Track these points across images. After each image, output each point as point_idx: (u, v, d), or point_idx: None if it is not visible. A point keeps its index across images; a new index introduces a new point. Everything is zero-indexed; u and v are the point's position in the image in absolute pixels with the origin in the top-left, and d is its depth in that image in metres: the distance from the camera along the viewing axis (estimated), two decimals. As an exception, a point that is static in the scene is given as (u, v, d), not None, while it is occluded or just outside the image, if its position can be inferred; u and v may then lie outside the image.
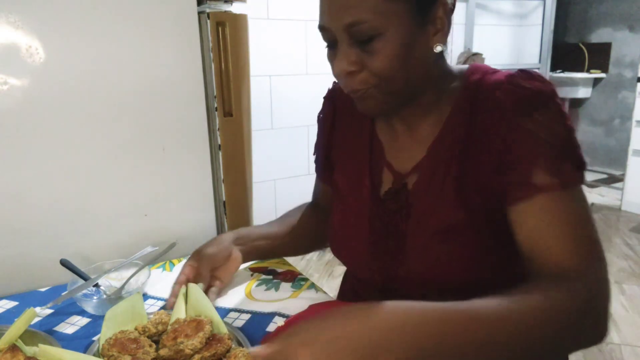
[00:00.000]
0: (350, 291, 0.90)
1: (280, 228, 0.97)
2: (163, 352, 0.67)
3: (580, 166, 0.64)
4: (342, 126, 0.87)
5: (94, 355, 0.69)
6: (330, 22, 0.66)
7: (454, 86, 0.73)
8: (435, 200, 0.71)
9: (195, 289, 0.80)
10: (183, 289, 0.81)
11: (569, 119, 0.66)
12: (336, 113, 0.89)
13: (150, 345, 0.70)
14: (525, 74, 0.68)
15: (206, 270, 0.86)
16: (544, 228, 0.62)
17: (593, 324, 0.58)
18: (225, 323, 0.74)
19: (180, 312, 0.77)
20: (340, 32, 0.65)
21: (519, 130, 0.64)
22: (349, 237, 0.82)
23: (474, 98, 0.70)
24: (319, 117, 0.93)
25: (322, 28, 0.68)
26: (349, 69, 0.66)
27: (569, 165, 0.63)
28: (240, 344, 0.71)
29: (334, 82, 0.91)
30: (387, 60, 0.64)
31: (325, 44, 0.71)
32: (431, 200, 0.72)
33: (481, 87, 0.70)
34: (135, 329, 0.73)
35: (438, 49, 0.67)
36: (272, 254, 0.98)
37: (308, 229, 0.99)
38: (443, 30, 0.67)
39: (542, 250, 0.62)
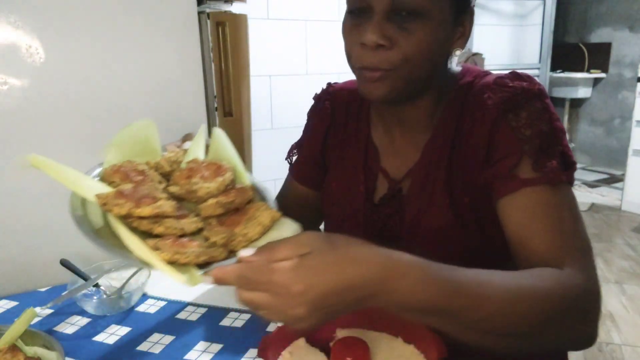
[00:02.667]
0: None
1: None
2: (173, 189, 0.57)
3: (567, 166, 0.64)
4: (337, 129, 0.85)
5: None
6: None
7: (446, 89, 0.73)
8: (427, 203, 0.71)
9: (221, 134, 0.68)
10: (202, 127, 0.71)
11: (556, 119, 0.66)
12: (334, 115, 0.86)
13: (160, 182, 0.59)
14: (512, 75, 0.69)
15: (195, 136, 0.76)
16: (529, 221, 0.62)
17: (582, 320, 0.56)
18: (253, 178, 0.64)
19: (198, 152, 0.67)
20: (384, 0, 0.61)
21: (503, 127, 0.65)
22: None
23: (463, 101, 0.71)
24: (309, 115, 0.91)
25: None
26: (380, 42, 0.61)
27: (554, 162, 0.63)
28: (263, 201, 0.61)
29: (329, 84, 0.90)
30: (422, 43, 0.62)
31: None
32: (423, 203, 0.72)
33: (471, 89, 0.71)
34: (147, 164, 0.63)
35: (457, 52, 0.68)
36: None
37: None
38: (464, 37, 0.68)
39: (527, 243, 0.62)
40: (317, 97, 0.90)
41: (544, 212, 0.61)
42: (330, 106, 0.87)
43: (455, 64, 0.74)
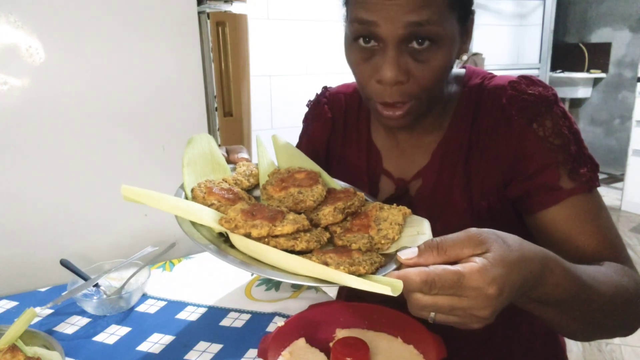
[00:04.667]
0: (350, 292, 0.90)
1: None
2: (274, 203, 0.55)
3: (595, 168, 0.67)
4: (338, 134, 0.85)
5: None
6: (387, 18, 0.57)
7: (453, 91, 0.73)
8: (440, 206, 0.71)
9: (283, 141, 0.67)
10: (258, 137, 0.69)
11: (574, 122, 0.68)
12: (334, 120, 0.86)
13: (250, 198, 0.58)
14: (526, 80, 0.69)
15: (242, 148, 0.75)
16: (577, 228, 0.64)
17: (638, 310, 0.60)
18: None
19: (269, 163, 0.65)
20: (397, 32, 0.57)
21: (531, 138, 0.66)
22: None
23: (476, 104, 0.71)
24: (306, 122, 0.90)
25: (370, 23, 0.59)
26: (399, 79, 0.60)
27: (585, 168, 0.65)
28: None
29: (324, 88, 0.90)
30: (436, 70, 0.61)
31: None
32: (436, 205, 0.72)
33: (482, 92, 0.70)
34: (225, 181, 0.61)
35: (464, 58, 0.68)
36: None
37: None
38: (468, 41, 0.69)
39: (578, 249, 0.64)
40: (314, 102, 0.90)
41: (588, 218, 0.65)
42: (329, 111, 0.86)
43: (455, 65, 0.74)
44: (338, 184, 0.62)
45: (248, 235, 0.49)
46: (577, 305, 0.53)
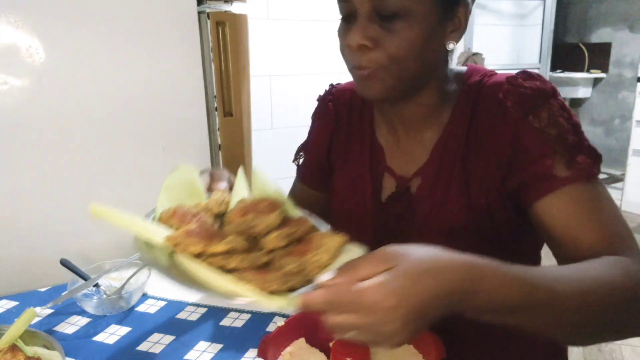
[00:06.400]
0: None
1: None
2: (230, 228, 0.58)
3: (595, 158, 0.65)
4: (341, 131, 0.86)
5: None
6: None
7: (453, 88, 0.73)
8: (439, 203, 0.71)
9: (262, 174, 0.71)
10: (241, 169, 0.73)
11: (573, 114, 0.67)
12: (337, 117, 0.86)
13: (213, 223, 0.61)
14: (524, 75, 0.69)
15: (224, 177, 0.76)
16: (575, 217, 0.63)
17: None
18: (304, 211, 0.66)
19: (243, 191, 0.69)
20: (364, 5, 0.63)
21: (527, 130, 0.65)
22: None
23: (475, 100, 0.70)
24: (313, 118, 0.91)
25: (346, 0, 0.65)
26: (362, 42, 0.63)
27: (583, 157, 0.64)
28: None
29: (331, 85, 0.90)
30: (405, 42, 0.62)
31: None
32: (436, 203, 0.72)
33: (482, 89, 0.70)
34: (196, 207, 0.64)
35: (450, 46, 0.68)
36: None
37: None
38: (459, 30, 0.68)
39: (576, 239, 0.62)
40: (320, 99, 0.91)
41: (586, 207, 0.63)
42: (333, 108, 0.87)
43: (456, 64, 0.74)
44: (299, 213, 0.65)
45: (184, 252, 0.53)
46: (541, 308, 0.49)
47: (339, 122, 0.86)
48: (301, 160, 0.94)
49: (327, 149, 0.88)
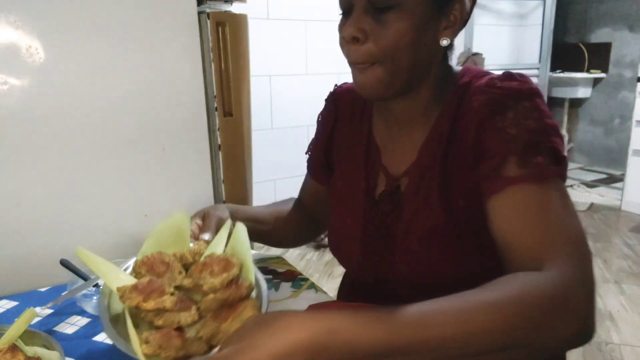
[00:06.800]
0: (349, 291, 0.91)
1: (268, 215, 0.97)
2: (186, 282, 0.65)
3: (557, 160, 0.63)
4: (342, 130, 0.87)
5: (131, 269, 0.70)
6: None
7: (446, 89, 0.73)
8: (422, 203, 0.72)
9: (242, 230, 0.74)
10: (228, 224, 0.77)
11: (547, 116, 0.65)
12: (337, 116, 0.88)
13: (180, 272, 0.67)
14: (504, 76, 0.69)
15: (214, 226, 0.81)
16: (514, 219, 0.61)
17: (566, 318, 0.50)
18: (258, 274, 0.71)
19: (218, 247, 0.74)
20: (360, 0, 0.64)
21: (489, 129, 0.65)
22: (345, 238, 0.82)
23: (460, 101, 0.71)
24: (318, 118, 0.93)
25: None
26: (356, 34, 0.65)
27: (541, 158, 0.62)
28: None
29: (336, 85, 0.91)
30: (396, 34, 0.63)
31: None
32: (419, 202, 0.72)
33: (467, 90, 0.70)
34: (173, 255, 0.70)
35: (444, 42, 0.68)
36: (253, 236, 0.93)
37: (290, 225, 0.99)
38: (454, 27, 0.68)
39: (511, 242, 0.61)
40: (326, 100, 0.93)
41: (528, 209, 0.60)
42: (334, 108, 0.89)
43: (456, 64, 0.74)
44: (255, 277, 0.70)
45: (126, 304, 0.60)
46: (416, 345, 0.46)
47: (339, 122, 0.88)
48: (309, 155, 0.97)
49: (326, 149, 0.90)
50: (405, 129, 0.76)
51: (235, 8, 1.18)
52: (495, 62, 3.76)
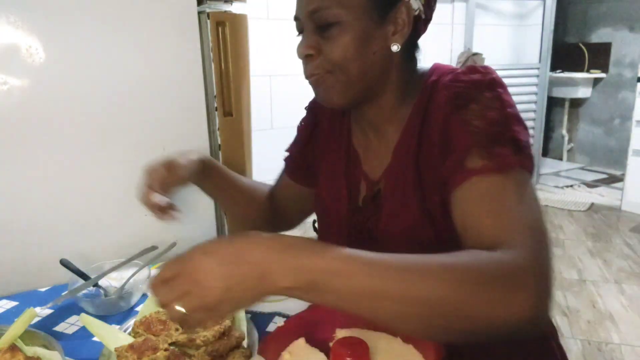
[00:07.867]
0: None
1: (246, 184, 0.97)
2: (180, 337, 0.70)
3: (519, 149, 0.62)
4: (322, 138, 0.88)
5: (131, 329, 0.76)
6: (298, 9, 0.72)
7: (416, 89, 0.73)
8: (399, 204, 0.72)
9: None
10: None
11: (508, 106, 0.65)
12: (317, 125, 0.90)
13: (177, 329, 0.72)
14: (468, 69, 0.69)
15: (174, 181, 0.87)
16: (473, 207, 0.60)
17: (508, 297, 0.49)
18: (248, 323, 0.76)
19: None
20: (305, 18, 0.70)
21: (454, 122, 0.65)
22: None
23: (428, 99, 0.71)
24: (300, 124, 0.94)
25: (295, 18, 0.74)
26: (306, 52, 0.70)
27: (504, 149, 0.61)
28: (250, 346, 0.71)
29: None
30: (341, 47, 0.67)
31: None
32: (396, 203, 0.73)
33: (435, 88, 0.71)
34: None
35: (394, 48, 0.69)
36: (221, 194, 0.96)
37: (258, 205, 0.98)
38: (402, 32, 0.69)
39: (470, 227, 0.60)
40: (306, 108, 0.94)
41: (487, 198, 0.60)
42: (313, 116, 0.91)
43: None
44: (245, 327, 0.75)
45: None
46: (361, 276, 0.49)
47: (319, 129, 0.89)
48: (287, 155, 0.97)
49: (305, 153, 0.91)
50: (380, 133, 0.77)
51: (235, 8, 1.18)
52: (495, 62, 3.75)
